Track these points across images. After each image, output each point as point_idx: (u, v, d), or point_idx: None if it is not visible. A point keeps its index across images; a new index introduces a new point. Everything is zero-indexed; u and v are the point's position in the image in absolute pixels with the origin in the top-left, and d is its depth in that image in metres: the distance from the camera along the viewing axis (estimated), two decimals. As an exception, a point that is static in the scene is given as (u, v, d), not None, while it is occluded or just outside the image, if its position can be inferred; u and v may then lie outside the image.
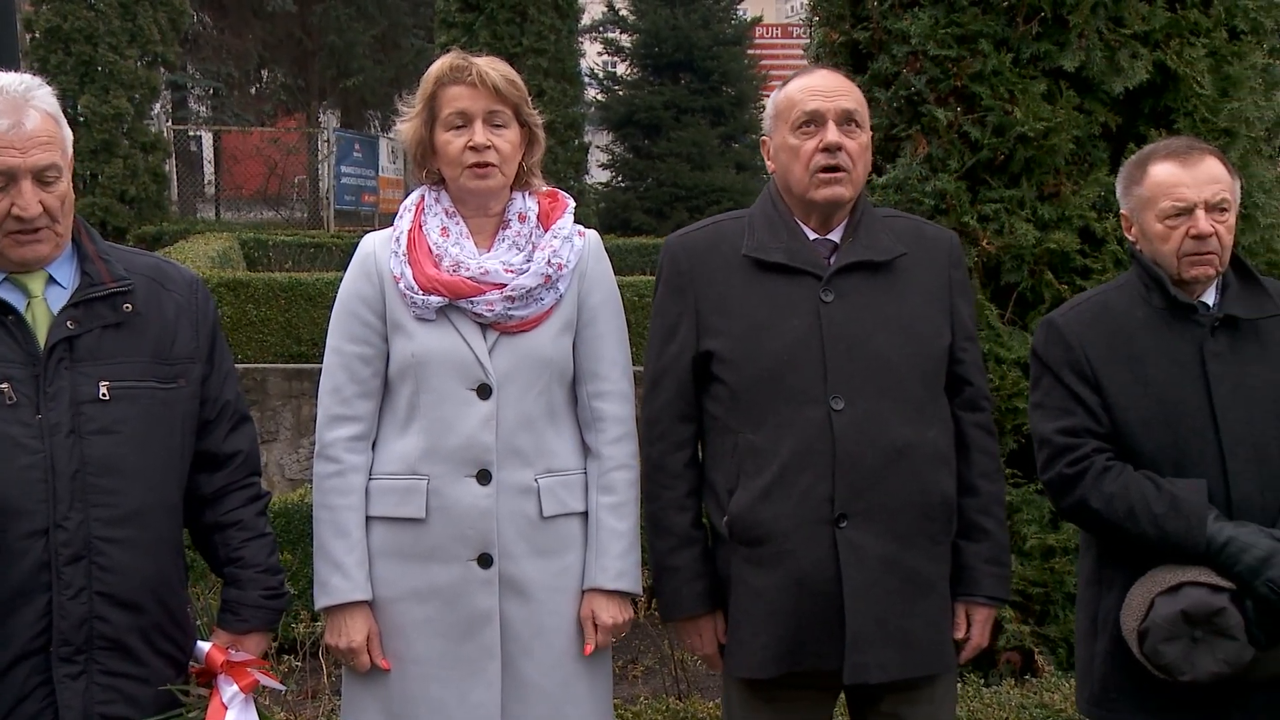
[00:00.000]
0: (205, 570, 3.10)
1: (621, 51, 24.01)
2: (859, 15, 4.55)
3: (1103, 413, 2.81)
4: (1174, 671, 2.67)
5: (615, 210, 21.99)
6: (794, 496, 2.70)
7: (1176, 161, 2.80)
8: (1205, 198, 2.76)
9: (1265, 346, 2.79)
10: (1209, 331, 2.78)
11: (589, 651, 2.82)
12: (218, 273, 11.47)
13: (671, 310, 2.86)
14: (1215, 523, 2.68)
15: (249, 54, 27.37)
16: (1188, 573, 2.69)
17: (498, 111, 2.78)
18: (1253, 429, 2.74)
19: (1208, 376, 2.76)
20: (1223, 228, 2.76)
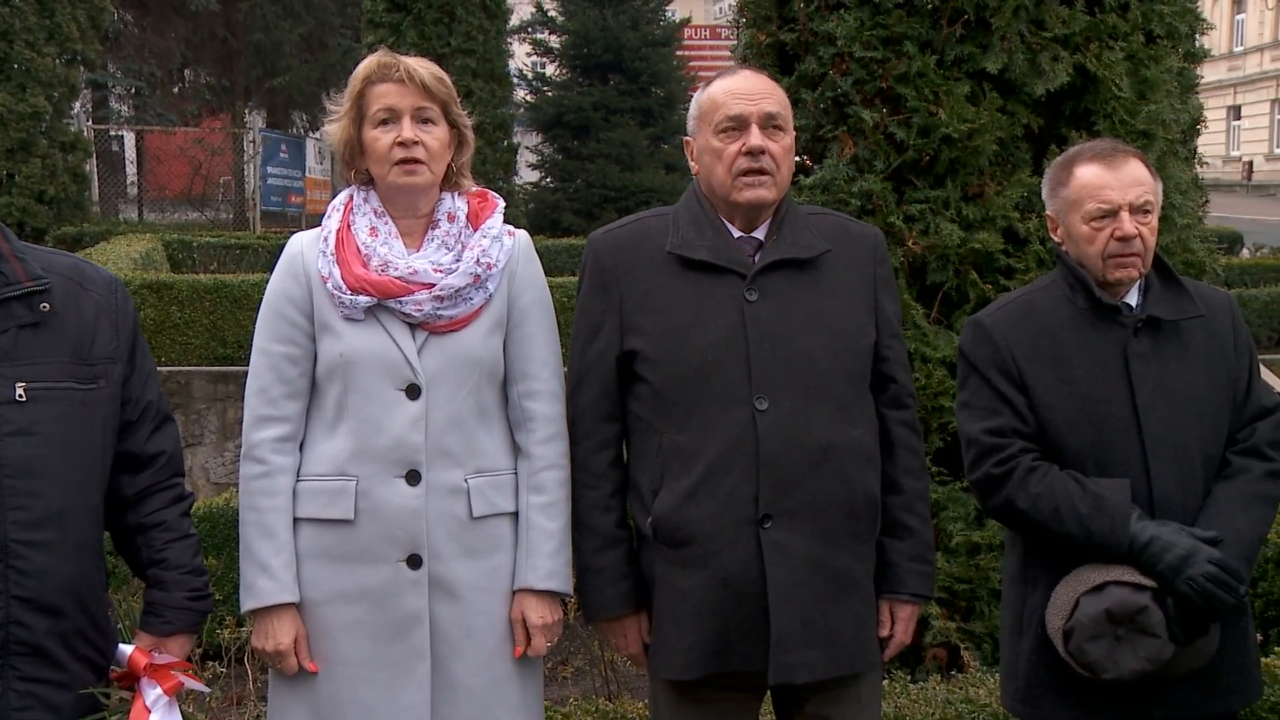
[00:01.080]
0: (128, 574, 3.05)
1: (550, 52, 24.00)
2: (786, 17, 4.58)
3: (1029, 413, 2.84)
4: (1098, 669, 2.71)
5: (544, 211, 21.96)
6: (718, 497, 2.70)
7: (1101, 164, 2.84)
8: (1129, 200, 2.79)
9: (1186, 347, 2.84)
10: (1132, 332, 2.82)
11: (519, 653, 2.81)
12: (140, 274, 11.28)
13: (595, 309, 2.85)
14: (1138, 522, 2.72)
15: (172, 53, 26.99)
16: (1111, 572, 2.73)
17: (425, 109, 2.76)
18: (1173, 429, 2.78)
19: (1131, 377, 2.80)
20: (1146, 229, 2.80)
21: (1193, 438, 2.80)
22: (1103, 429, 2.79)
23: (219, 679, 4.58)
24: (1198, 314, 2.85)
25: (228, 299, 10.93)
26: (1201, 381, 2.82)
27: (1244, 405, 2.87)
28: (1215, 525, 2.75)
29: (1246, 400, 2.88)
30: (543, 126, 23.22)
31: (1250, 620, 2.94)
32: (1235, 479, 2.82)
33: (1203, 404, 2.81)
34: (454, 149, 2.84)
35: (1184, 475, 2.79)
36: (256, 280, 10.85)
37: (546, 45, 24.07)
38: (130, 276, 10.62)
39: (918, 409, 4.12)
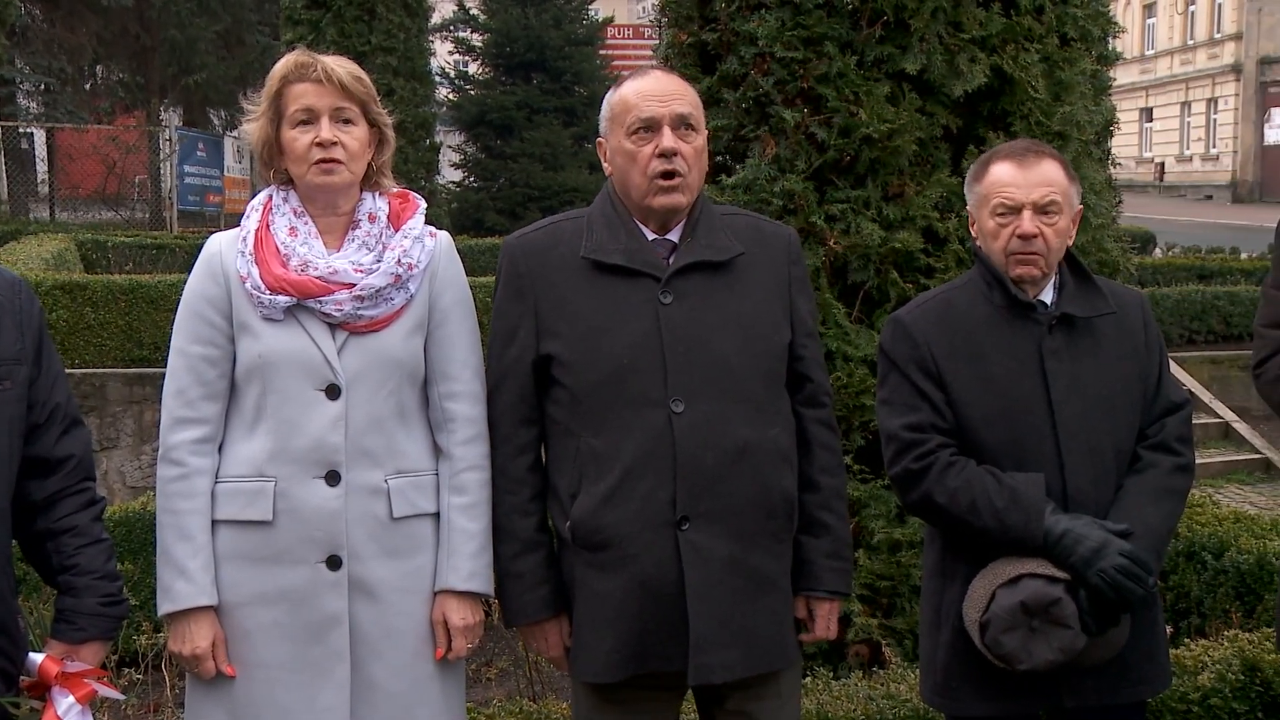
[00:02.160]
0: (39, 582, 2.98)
1: (473, 51, 23.89)
2: (707, 17, 4.59)
3: (946, 409, 2.87)
4: (1013, 660, 2.75)
5: (468, 210, 21.86)
6: (636, 500, 2.71)
7: (1013, 162, 2.88)
8: (1033, 199, 2.83)
9: (1099, 344, 2.88)
10: (1046, 330, 2.86)
11: (440, 655, 2.80)
12: (52, 275, 11.05)
13: (511, 313, 2.84)
14: (1052, 515, 2.76)
15: (83, 49, 26.47)
16: (1026, 565, 2.77)
17: (344, 108, 2.74)
18: (1086, 424, 2.83)
19: (1046, 374, 2.84)
20: (1050, 230, 2.83)
21: (1105, 433, 2.85)
22: (1018, 425, 2.83)
23: (136, 686, 4.51)
24: (1110, 311, 2.90)
25: (144, 300, 10.75)
26: (1114, 378, 2.87)
27: (1154, 401, 2.93)
28: (1126, 519, 2.80)
29: (1156, 396, 2.93)
30: (466, 125, 23.12)
31: (1160, 612, 3.00)
32: (1145, 473, 2.87)
33: (1115, 400, 2.86)
34: (374, 149, 2.82)
35: (1096, 470, 2.83)
36: (174, 281, 10.68)
37: (469, 44, 23.95)
38: (42, 277, 10.40)
39: (839, 407, 4.20)
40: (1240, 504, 8.32)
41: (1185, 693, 3.64)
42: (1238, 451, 10.45)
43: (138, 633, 4.56)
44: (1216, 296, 13.85)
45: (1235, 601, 4.65)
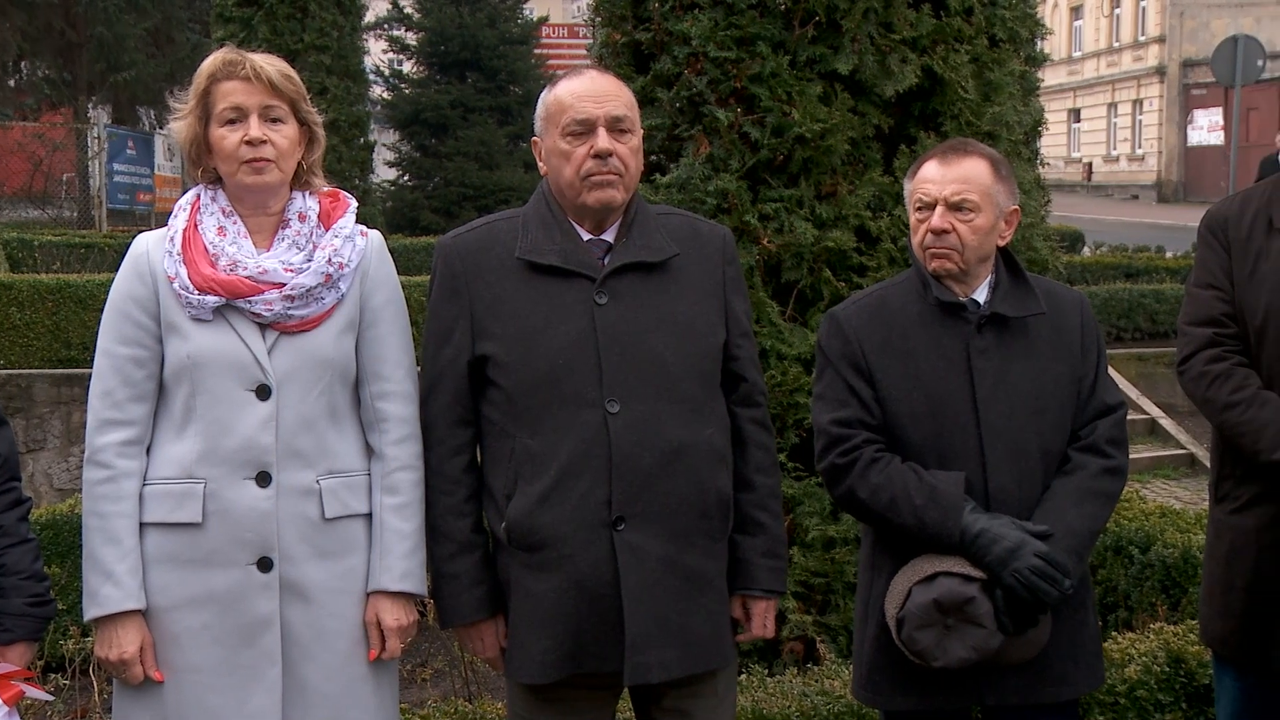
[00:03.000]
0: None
1: (407, 49, 23.72)
2: (641, 16, 4.60)
3: (875, 405, 2.90)
4: (927, 657, 2.78)
5: (403, 209, 21.72)
6: (571, 501, 2.71)
7: (937, 160, 2.92)
8: (945, 195, 2.86)
9: (1032, 344, 2.91)
10: (975, 329, 2.88)
11: (374, 656, 2.78)
12: (-23, 275, 10.86)
13: (446, 313, 2.83)
14: (970, 514, 2.79)
15: (7, 44, 25.99)
16: (944, 563, 2.79)
17: (273, 107, 2.72)
18: (1011, 424, 2.85)
19: (972, 372, 2.86)
20: (965, 227, 2.86)
21: (1031, 433, 2.87)
22: (943, 423, 2.86)
23: (62, 691, 4.43)
24: (1039, 311, 2.92)
25: (72, 299, 10.58)
26: (1044, 378, 2.90)
27: (1088, 402, 2.96)
28: (1048, 520, 2.83)
29: (1091, 397, 2.96)
30: (400, 124, 22.97)
31: (1091, 611, 3.04)
32: (1072, 475, 2.91)
33: (1044, 400, 2.89)
34: (304, 147, 2.80)
35: (1021, 470, 2.86)
36: (103, 280, 10.52)
37: (403, 42, 23.79)
38: (-36, 277, 10.22)
39: (773, 405, 4.22)
40: (1166, 499, 8.45)
41: (1112, 685, 3.70)
42: (1164, 447, 10.62)
43: (65, 637, 4.48)
44: (1143, 295, 14.07)
45: (1161, 595, 4.74)
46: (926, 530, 2.81)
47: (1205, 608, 3.38)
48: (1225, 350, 3.20)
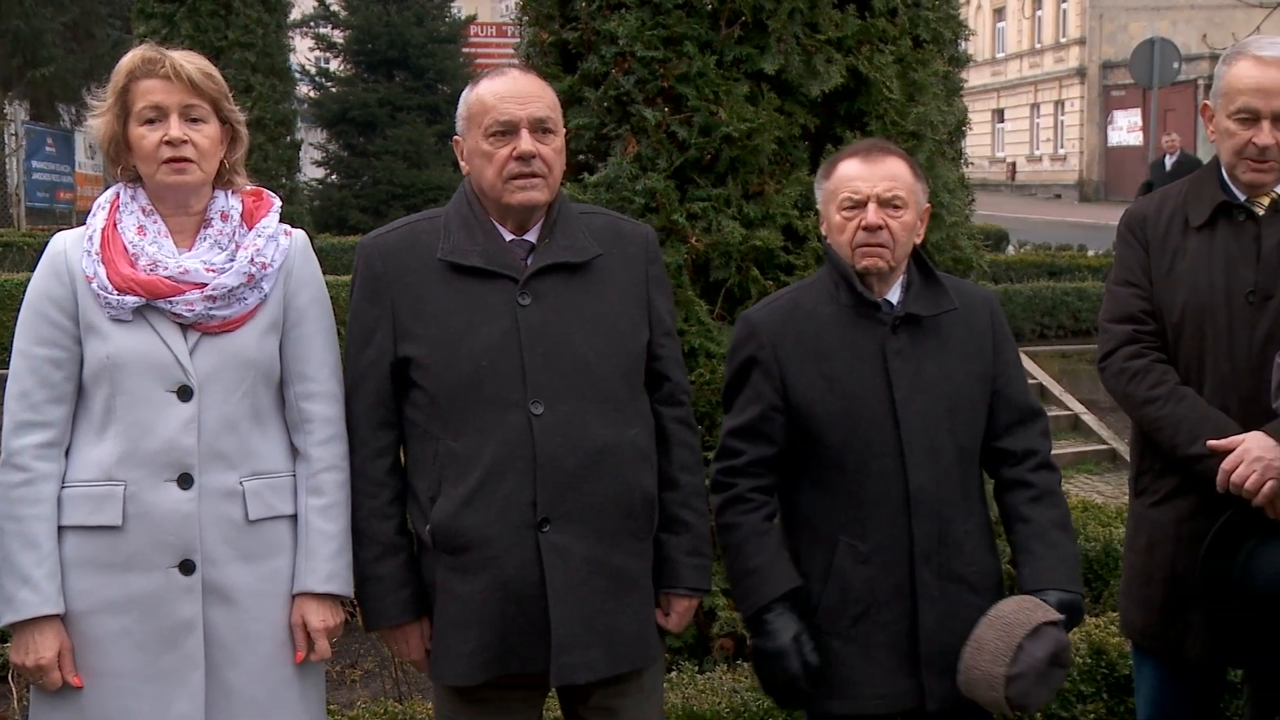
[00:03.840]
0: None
1: (334, 47, 23.54)
2: (568, 15, 4.59)
3: (777, 414, 2.89)
4: (1030, 707, 2.78)
5: (331, 208, 21.56)
6: (496, 503, 2.70)
7: (859, 158, 2.92)
8: (878, 192, 2.87)
9: (944, 343, 2.92)
10: (890, 329, 2.88)
11: (300, 659, 2.76)
12: (-110, 275, 10.61)
13: (368, 314, 2.81)
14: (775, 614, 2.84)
15: (-81, 38, 25.42)
16: (1029, 609, 2.77)
17: (194, 106, 2.68)
18: (929, 423, 2.87)
19: (889, 373, 2.86)
20: (895, 224, 2.87)
21: (947, 431, 2.89)
22: (861, 424, 2.86)
23: (-19, 700, 4.35)
24: (951, 308, 2.94)
25: (-12, 300, 10.39)
26: (958, 376, 2.91)
27: (1004, 404, 2.97)
28: (1040, 580, 2.87)
29: (1006, 399, 2.98)
30: (327, 123, 22.79)
31: None
32: (1030, 523, 2.93)
33: (958, 399, 2.91)
34: (226, 146, 2.77)
35: (938, 468, 2.87)
36: (20, 280, 10.34)
37: (329, 40, 23.59)
38: (-123, 278, 9.98)
39: (703, 404, 4.23)
40: (1088, 493, 8.60)
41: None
42: (1086, 442, 10.80)
43: (-18, 644, 4.39)
44: (1066, 292, 14.30)
45: (1084, 587, 4.81)
46: (735, 592, 2.95)
47: (1125, 600, 3.45)
48: (1144, 347, 3.26)
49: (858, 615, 2.86)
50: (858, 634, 2.86)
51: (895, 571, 2.85)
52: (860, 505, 2.86)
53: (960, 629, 2.84)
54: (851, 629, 2.86)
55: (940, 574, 2.86)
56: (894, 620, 2.85)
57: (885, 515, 2.85)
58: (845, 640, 2.87)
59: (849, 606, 2.86)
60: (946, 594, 2.87)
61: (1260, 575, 3.05)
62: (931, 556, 2.85)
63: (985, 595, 2.91)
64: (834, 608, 2.87)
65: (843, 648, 2.87)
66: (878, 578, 2.85)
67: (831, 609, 2.87)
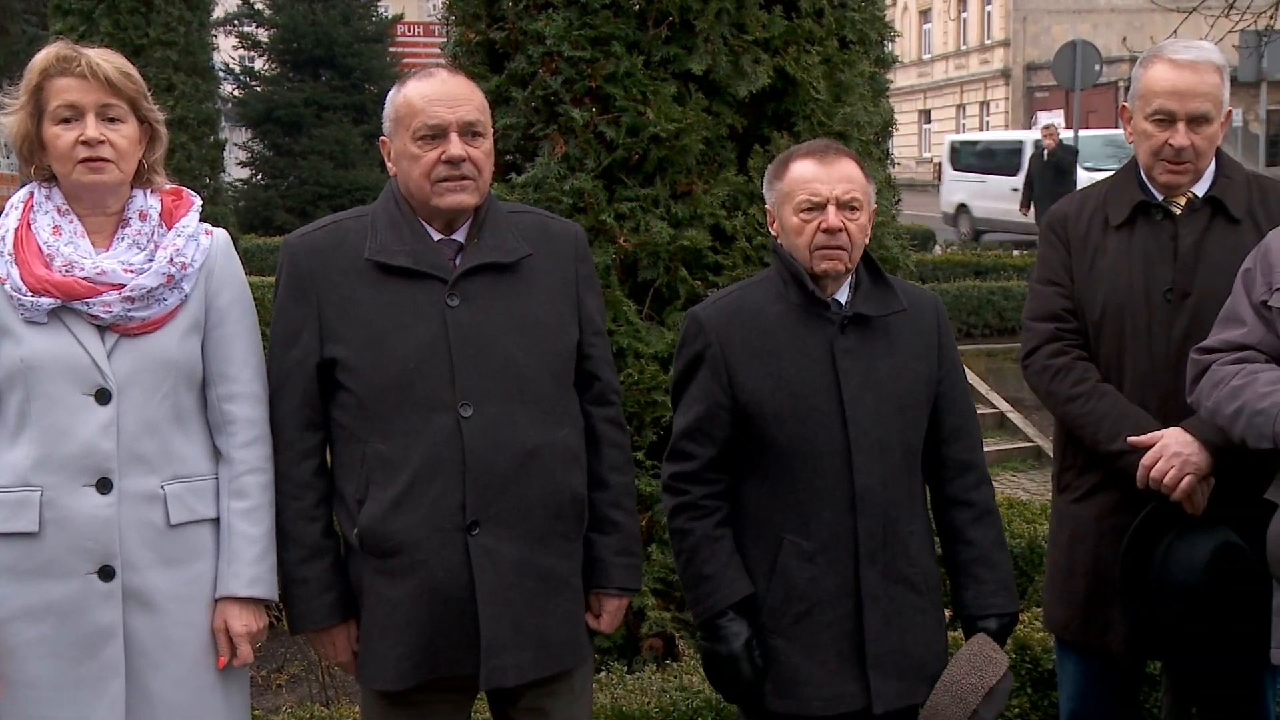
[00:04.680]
0: None
1: (258, 46, 23.28)
2: (495, 15, 4.57)
3: (724, 411, 2.89)
4: None
5: (256, 209, 21.34)
6: (425, 506, 2.68)
7: (815, 159, 2.91)
8: (837, 194, 2.86)
9: (893, 344, 2.93)
10: (839, 329, 2.88)
11: (223, 664, 2.72)
12: None
13: (293, 315, 2.78)
14: (728, 619, 2.85)
15: None
16: (984, 671, 2.87)
17: (112, 105, 2.63)
18: (877, 423, 2.87)
19: (838, 372, 2.86)
20: (853, 226, 2.87)
21: (894, 431, 2.90)
22: (809, 423, 2.86)
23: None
24: (901, 309, 2.95)
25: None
26: (905, 376, 2.92)
27: (947, 407, 3.00)
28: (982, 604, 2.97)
29: (950, 402, 3.00)
30: (252, 122, 22.54)
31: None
32: (973, 546, 2.99)
33: (905, 399, 2.92)
34: (145, 145, 2.72)
35: (886, 468, 2.88)
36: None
37: (254, 39, 23.33)
38: None
39: (631, 404, 4.23)
40: (1014, 491, 8.71)
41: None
42: (1011, 440, 10.92)
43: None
44: (991, 292, 14.46)
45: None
46: (688, 595, 2.94)
47: (1048, 595, 3.49)
48: (1066, 344, 3.31)
49: (801, 614, 2.86)
50: (800, 633, 2.86)
51: (840, 571, 2.85)
52: (806, 504, 2.86)
53: (905, 630, 2.88)
54: (794, 628, 2.86)
55: (885, 574, 2.87)
56: (837, 620, 2.86)
57: (831, 514, 2.85)
58: (788, 640, 2.87)
59: (792, 605, 2.86)
60: (891, 594, 2.88)
61: (1177, 569, 3.10)
62: (877, 556, 2.86)
63: (927, 597, 2.94)
64: (778, 606, 2.87)
65: (786, 647, 2.87)
66: (822, 577, 2.85)
67: (775, 608, 2.87)
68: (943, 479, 3.03)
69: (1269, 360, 2.85)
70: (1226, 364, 2.89)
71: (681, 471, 2.94)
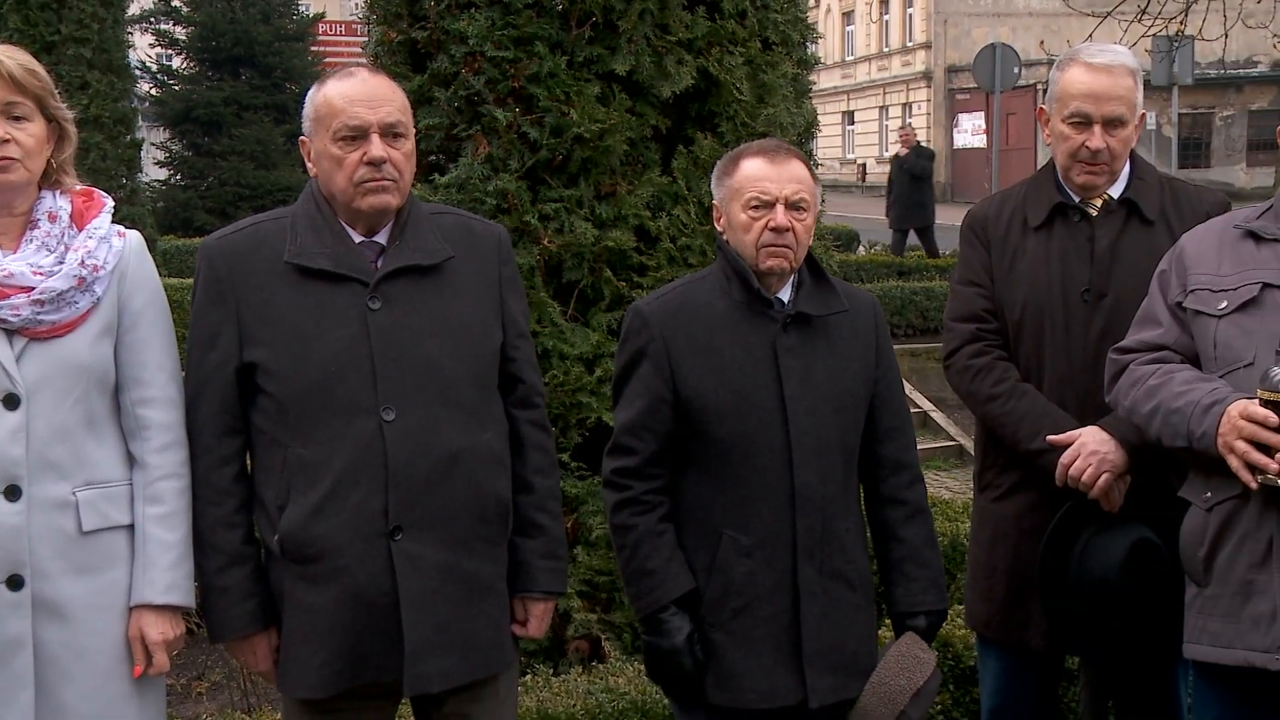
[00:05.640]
0: None
1: (176, 44, 22.92)
2: (417, 14, 4.54)
3: (666, 406, 2.89)
4: None
5: (175, 210, 21.03)
6: (347, 511, 2.65)
7: (765, 158, 2.91)
8: (786, 194, 2.87)
9: (833, 343, 2.95)
10: (781, 327, 2.90)
11: (138, 673, 2.67)
12: None
13: (212, 318, 2.73)
14: (672, 614, 2.86)
15: None
16: (913, 672, 2.90)
17: (16, 103, 2.57)
18: (817, 421, 2.89)
19: (780, 370, 2.88)
20: (800, 226, 2.88)
21: (833, 430, 2.92)
22: (749, 419, 2.87)
23: None
24: (843, 309, 2.97)
25: None
26: (845, 376, 2.95)
27: (884, 407, 3.02)
28: (912, 600, 3.01)
29: (886, 402, 3.03)
30: (171, 122, 22.20)
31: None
32: (904, 543, 3.03)
33: (844, 398, 2.94)
34: (53, 145, 2.66)
35: (824, 466, 2.90)
36: None
37: (171, 36, 22.96)
38: None
39: (556, 405, 4.22)
40: (937, 489, 8.78)
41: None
42: (935, 439, 11.04)
43: None
44: (914, 292, 14.60)
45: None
46: (629, 590, 2.94)
47: (970, 593, 3.52)
48: (987, 345, 3.34)
49: (739, 608, 2.87)
50: (738, 627, 2.87)
51: (777, 566, 2.87)
52: (745, 499, 2.87)
53: (840, 625, 2.91)
54: (732, 622, 2.88)
55: (822, 571, 2.89)
56: (774, 615, 2.87)
57: (769, 510, 2.87)
58: (727, 634, 2.88)
59: (730, 600, 2.88)
60: (827, 590, 2.90)
61: (1094, 566, 3.14)
62: (814, 552, 2.88)
63: (861, 593, 2.98)
64: (716, 600, 2.88)
65: (724, 640, 2.88)
66: (759, 572, 2.87)
67: (714, 602, 2.88)
68: (877, 477, 3.06)
69: (1184, 360, 2.90)
70: (1143, 364, 2.93)
71: (623, 467, 2.93)
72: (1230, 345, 2.78)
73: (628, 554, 2.92)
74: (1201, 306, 2.85)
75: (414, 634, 2.67)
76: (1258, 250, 2.83)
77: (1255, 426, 2.60)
